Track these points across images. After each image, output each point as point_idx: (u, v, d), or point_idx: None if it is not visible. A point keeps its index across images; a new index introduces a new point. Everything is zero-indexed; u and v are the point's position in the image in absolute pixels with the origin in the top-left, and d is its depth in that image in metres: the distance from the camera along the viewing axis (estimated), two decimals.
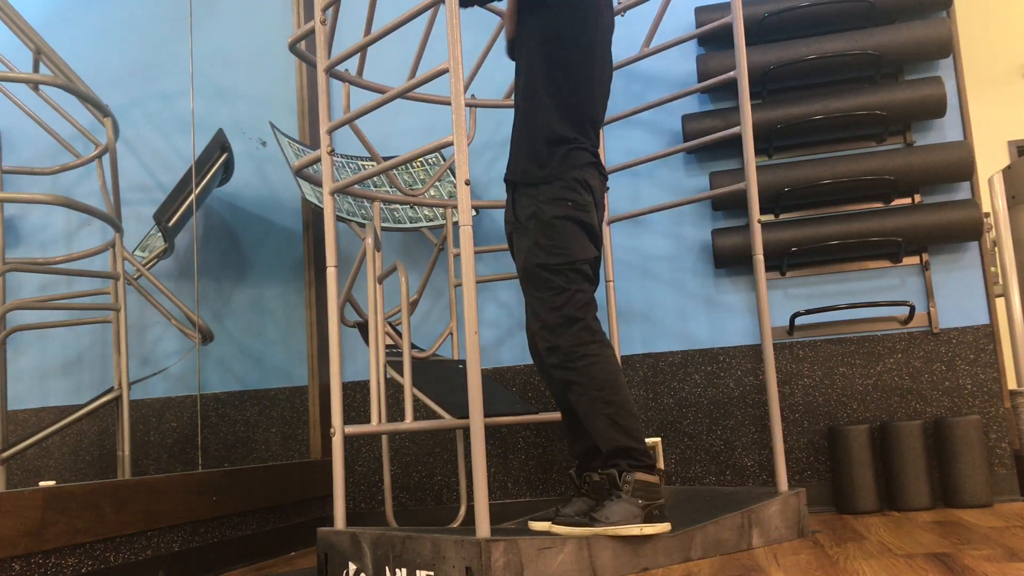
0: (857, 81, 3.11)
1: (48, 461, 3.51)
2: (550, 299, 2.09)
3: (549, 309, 2.08)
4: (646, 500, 1.97)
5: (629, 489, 1.97)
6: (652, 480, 2.00)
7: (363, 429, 2.18)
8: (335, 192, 2.21)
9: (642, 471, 2.00)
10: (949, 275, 3.01)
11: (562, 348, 2.06)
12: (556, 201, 2.11)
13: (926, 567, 1.79)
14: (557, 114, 2.15)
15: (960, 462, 2.75)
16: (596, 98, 2.23)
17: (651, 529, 1.95)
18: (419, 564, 1.86)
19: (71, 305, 3.18)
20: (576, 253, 2.10)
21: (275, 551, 2.82)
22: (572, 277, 2.09)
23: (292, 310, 3.51)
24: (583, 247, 2.12)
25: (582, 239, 2.12)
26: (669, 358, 3.14)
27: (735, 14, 2.59)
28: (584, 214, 2.12)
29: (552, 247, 2.09)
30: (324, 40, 2.26)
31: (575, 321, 2.06)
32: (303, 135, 3.55)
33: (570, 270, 2.09)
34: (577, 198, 2.12)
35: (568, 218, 2.10)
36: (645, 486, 1.98)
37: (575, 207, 2.11)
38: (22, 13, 2.92)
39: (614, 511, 1.96)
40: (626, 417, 2.02)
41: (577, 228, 2.12)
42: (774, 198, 3.02)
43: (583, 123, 2.19)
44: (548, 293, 2.09)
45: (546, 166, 2.13)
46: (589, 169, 2.17)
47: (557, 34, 2.14)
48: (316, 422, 3.40)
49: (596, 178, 2.19)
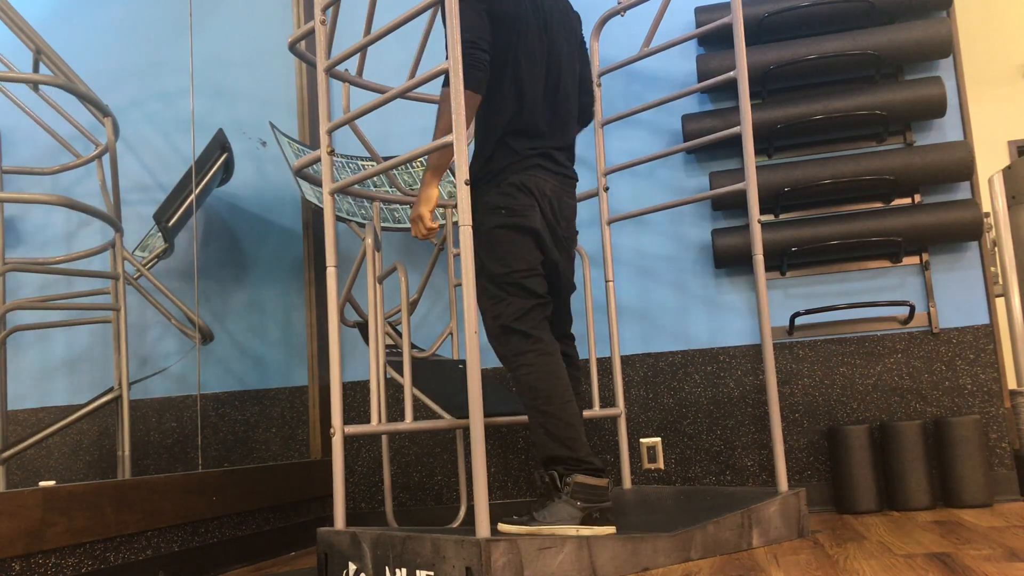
0: (857, 81, 3.11)
1: (48, 461, 3.51)
2: (489, 308, 2.12)
3: (490, 318, 2.13)
4: (586, 502, 1.98)
5: (569, 491, 1.98)
6: (595, 483, 2.00)
7: (363, 429, 2.18)
8: (335, 192, 2.21)
9: (584, 474, 2.00)
10: (949, 275, 3.01)
11: (506, 356, 2.10)
12: (491, 211, 2.12)
13: (926, 567, 1.79)
14: (491, 120, 2.16)
15: (960, 462, 2.75)
16: (537, 96, 2.18)
17: (587, 531, 1.95)
18: (419, 564, 1.86)
19: (71, 305, 3.17)
20: (513, 263, 2.10)
21: (275, 551, 2.82)
22: (508, 288, 2.10)
23: (292, 310, 3.51)
24: (521, 256, 2.11)
25: (521, 247, 2.12)
26: (669, 358, 3.14)
27: (735, 14, 2.59)
28: (521, 219, 2.11)
29: (489, 258, 2.12)
30: (324, 40, 2.26)
31: (511, 331, 2.09)
32: (303, 135, 3.55)
33: (506, 281, 2.10)
34: (512, 203, 2.12)
35: (503, 227, 2.11)
36: (585, 488, 1.99)
37: (509, 214, 2.11)
38: (22, 13, 2.92)
39: (552, 511, 1.98)
40: (558, 427, 2.02)
41: (515, 235, 2.12)
42: (774, 198, 3.02)
43: (523, 124, 2.17)
44: (487, 302, 2.13)
45: (478, 173, 2.16)
46: (532, 171, 2.15)
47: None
48: (316, 422, 3.40)
49: (543, 177, 2.17)
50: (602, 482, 2.00)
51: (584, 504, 1.97)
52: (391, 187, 3.17)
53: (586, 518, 1.97)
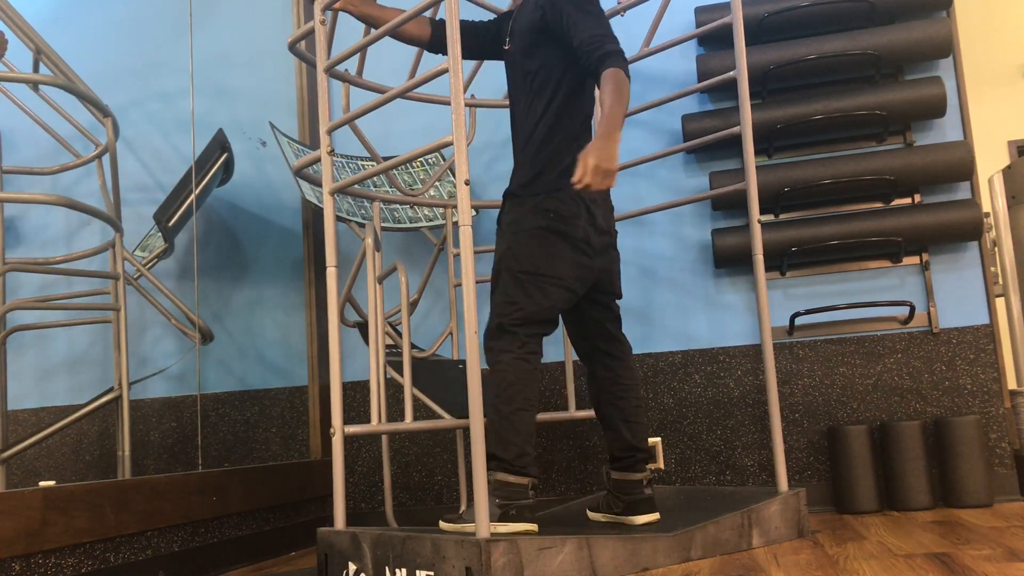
0: (857, 81, 3.11)
1: (48, 461, 3.52)
2: (501, 303, 2.14)
3: (494, 314, 2.15)
4: (504, 499, 2.00)
5: (490, 489, 2.00)
6: (514, 480, 2.02)
7: (363, 429, 2.18)
8: (335, 192, 2.21)
9: (506, 472, 2.02)
10: (949, 275, 3.01)
11: (492, 349, 2.12)
12: (541, 212, 2.14)
13: (926, 567, 1.79)
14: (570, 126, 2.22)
15: (960, 462, 2.75)
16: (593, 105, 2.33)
17: (503, 528, 1.96)
18: (419, 564, 1.86)
19: (71, 305, 3.18)
20: (543, 267, 2.12)
21: (275, 551, 2.82)
22: (528, 289, 2.11)
23: (292, 310, 3.51)
24: (552, 262, 2.13)
25: (557, 252, 2.13)
26: (669, 358, 3.14)
27: (735, 14, 2.59)
28: (566, 225, 2.14)
29: (522, 254, 2.13)
30: (324, 40, 2.26)
31: (504, 331, 2.11)
32: (303, 135, 3.55)
33: (529, 282, 2.12)
34: (562, 209, 2.14)
35: (547, 229, 2.13)
36: (503, 486, 2.02)
37: (556, 218, 2.14)
38: (22, 13, 2.92)
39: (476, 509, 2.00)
40: (506, 429, 2.05)
41: (556, 239, 2.14)
42: (774, 198, 3.02)
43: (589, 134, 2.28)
44: (501, 297, 2.14)
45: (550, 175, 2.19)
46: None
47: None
48: (316, 422, 3.40)
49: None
50: (522, 480, 2.02)
51: (501, 501, 2.00)
52: (391, 187, 3.17)
53: (503, 515, 1.99)
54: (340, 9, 2.27)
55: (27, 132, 3.54)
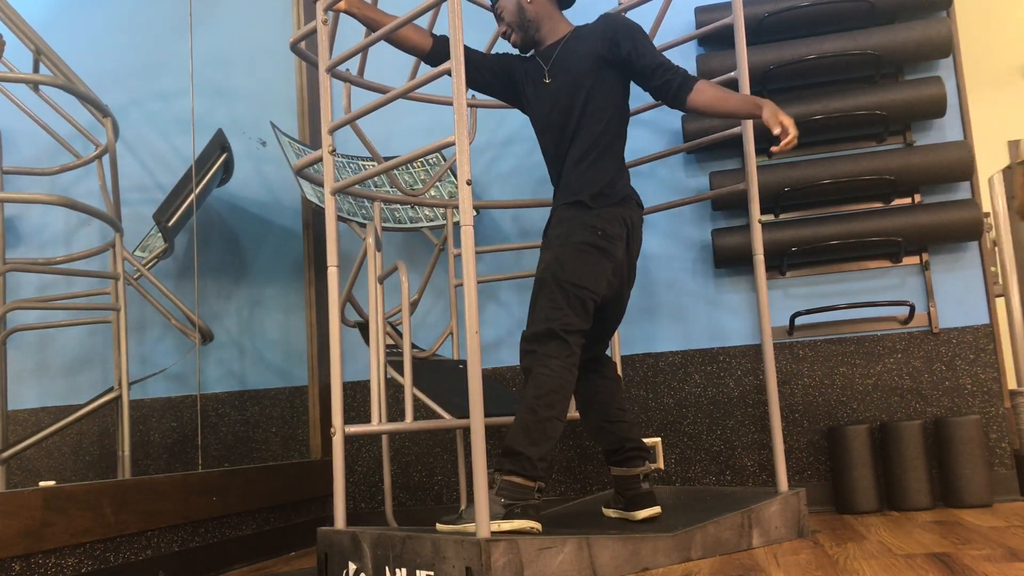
0: (857, 81, 3.11)
1: (48, 461, 3.51)
2: (546, 310, 2.18)
3: (542, 319, 2.17)
4: (510, 499, 2.01)
5: (496, 488, 2.02)
6: (522, 482, 2.03)
7: (363, 429, 2.18)
8: (336, 192, 2.21)
9: (519, 475, 2.04)
10: (949, 275, 3.01)
11: (534, 352, 2.15)
12: (588, 227, 2.22)
13: (926, 567, 1.79)
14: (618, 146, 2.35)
15: (960, 462, 2.75)
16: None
17: (508, 525, 1.97)
18: (419, 564, 1.86)
19: (71, 305, 3.18)
20: (586, 281, 2.18)
21: (275, 551, 2.82)
22: (571, 300, 2.16)
23: (292, 310, 3.51)
24: (594, 277, 2.20)
25: (598, 269, 2.21)
26: (669, 358, 3.14)
27: (735, 14, 2.59)
28: (609, 244, 2.22)
29: (568, 266, 2.19)
30: (326, 40, 2.26)
31: (556, 336, 2.14)
32: (303, 135, 3.55)
33: (572, 293, 2.17)
34: (608, 229, 2.23)
35: (593, 245, 2.21)
36: (511, 486, 2.03)
37: (603, 236, 2.22)
38: (22, 13, 2.92)
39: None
40: (539, 432, 2.07)
41: (599, 256, 2.21)
42: (774, 198, 3.02)
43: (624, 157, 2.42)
44: (547, 304, 2.18)
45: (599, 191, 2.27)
46: (629, 203, 2.31)
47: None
48: (316, 422, 3.40)
49: (635, 209, 2.33)
50: (530, 483, 2.04)
51: (507, 501, 2.01)
52: (392, 187, 3.17)
53: (508, 513, 2.00)
54: (342, 11, 2.27)
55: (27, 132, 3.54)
